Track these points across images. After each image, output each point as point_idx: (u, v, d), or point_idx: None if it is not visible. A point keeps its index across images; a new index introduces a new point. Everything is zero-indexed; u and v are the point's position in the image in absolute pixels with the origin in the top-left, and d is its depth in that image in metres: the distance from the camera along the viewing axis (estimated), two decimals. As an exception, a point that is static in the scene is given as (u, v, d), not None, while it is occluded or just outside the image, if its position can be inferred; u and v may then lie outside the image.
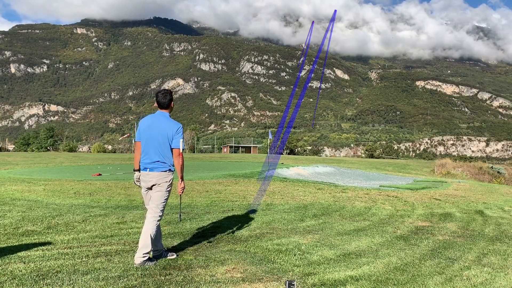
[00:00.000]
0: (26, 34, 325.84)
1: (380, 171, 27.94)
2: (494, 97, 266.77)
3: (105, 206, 8.59)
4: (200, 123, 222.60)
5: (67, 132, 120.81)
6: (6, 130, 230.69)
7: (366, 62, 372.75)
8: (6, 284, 3.71)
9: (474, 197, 12.74)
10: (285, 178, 15.59)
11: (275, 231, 6.42)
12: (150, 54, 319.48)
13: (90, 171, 18.58)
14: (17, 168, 21.65)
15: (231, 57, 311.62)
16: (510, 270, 4.81)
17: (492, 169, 36.21)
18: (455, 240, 6.43)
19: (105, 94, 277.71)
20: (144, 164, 4.66)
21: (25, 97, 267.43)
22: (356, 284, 4.08)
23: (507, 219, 8.88)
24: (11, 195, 9.77)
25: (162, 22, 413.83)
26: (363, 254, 5.25)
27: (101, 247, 5.11)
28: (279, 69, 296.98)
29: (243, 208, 8.68)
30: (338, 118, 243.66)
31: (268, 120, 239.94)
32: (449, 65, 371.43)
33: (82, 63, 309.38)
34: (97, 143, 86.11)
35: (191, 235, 5.95)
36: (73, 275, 3.98)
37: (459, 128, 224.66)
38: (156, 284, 3.87)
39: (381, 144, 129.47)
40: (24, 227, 6.19)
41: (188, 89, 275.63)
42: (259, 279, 4.09)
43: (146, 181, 4.63)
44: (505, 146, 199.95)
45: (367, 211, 9.00)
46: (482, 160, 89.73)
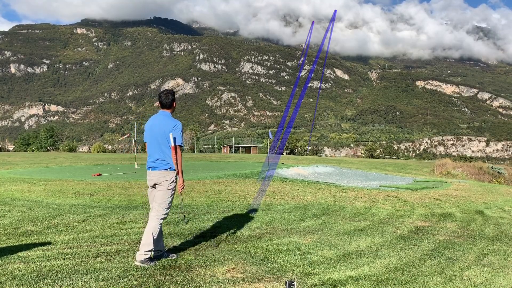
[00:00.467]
0: (26, 34, 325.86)
1: (380, 171, 27.94)
2: (494, 97, 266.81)
3: (105, 206, 8.59)
4: (200, 123, 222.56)
5: (67, 132, 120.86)
6: (6, 130, 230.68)
7: (366, 62, 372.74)
8: (6, 284, 3.71)
9: (474, 197, 12.73)
10: (285, 178, 15.59)
11: (275, 231, 6.42)
12: (150, 54, 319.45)
13: (90, 171, 18.58)
14: (17, 168, 21.65)
15: (231, 57, 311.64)
16: (510, 270, 4.81)
17: (492, 169, 36.21)
18: (455, 240, 6.43)
19: (105, 94, 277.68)
20: (148, 163, 4.76)
21: (25, 97, 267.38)
22: (356, 284, 4.08)
23: (507, 219, 8.88)
24: (11, 195, 9.77)
25: (162, 22, 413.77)
26: (363, 254, 5.25)
27: (101, 247, 5.11)
28: (279, 69, 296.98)
29: (243, 208, 8.68)
30: (338, 118, 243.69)
31: (268, 120, 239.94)
32: (449, 65, 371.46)
33: (82, 63, 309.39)
34: (97, 143, 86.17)
35: (191, 235, 5.95)
36: (73, 275, 3.98)
37: (459, 128, 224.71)
38: (156, 284, 3.87)
39: (381, 144, 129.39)
40: (24, 227, 6.19)
41: (188, 89, 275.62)
42: (259, 279, 4.09)
43: (149, 180, 4.72)
44: (505, 146, 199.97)
45: (367, 211, 9.00)
46: (482, 160, 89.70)
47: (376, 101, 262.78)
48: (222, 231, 6.29)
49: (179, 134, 4.59)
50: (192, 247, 5.27)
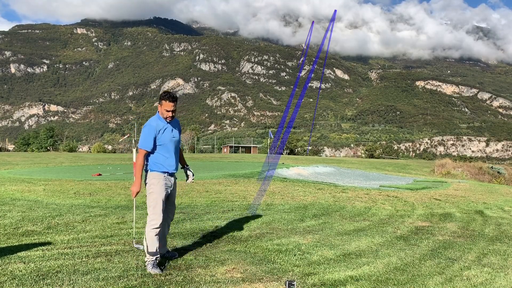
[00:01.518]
0: (26, 34, 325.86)
1: (380, 171, 27.93)
2: (494, 97, 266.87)
3: (105, 206, 8.58)
4: (200, 123, 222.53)
5: (67, 132, 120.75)
6: (6, 130, 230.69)
7: (366, 62, 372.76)
8: (6, 284, 3.71)
9: (474, 197, 12.73)
10: (285, 178, 15.59)
11: (275, 231, 6.42)
12: (150, 54, 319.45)
13: (90, 171, 18.58)
14: (17, 168, 21.64)
15: (231, 57, 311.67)
16: (510, 270, 4.81)
17: (492, 169, 36.20)
18: (455, 240, 6.43)
19: (105, 94, 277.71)
20: None
21: (25, 97, 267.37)
22: (356, 284, 4.08)
23: (507, 219, 8.88)
24: (11, 195, 9.76)
25: (162, 22, 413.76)
26: (363, 254, 5.25)
27: (101, 247, 5.11)
28: (279, 69, 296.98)
29: (243, 208, 8.68)
30: (338, 118, 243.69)
31: (268, 120, 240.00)
32: (449, 65, 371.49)
33: (82, 63, 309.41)
34: (97, 143, 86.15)
35: (191, 235, 5.95)
36: (73, 275, 3.98)
37: (459, 128, 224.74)
38: (156, 284, 3.88)
39: (381, 144, 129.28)
40: (24, 227, 6.19)
41: (188, 89, 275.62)
42: (259, 279, 4.09)
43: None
44: (505, 146, 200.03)
45: (367, 211, 9.00)
46: (482, 160, 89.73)
47: (376, 101, 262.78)
48: (222, 231, 6.29)
49: (141, 136, 4.46)
50: (192, 247, 5.28)
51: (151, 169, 4.51)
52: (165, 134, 4.46)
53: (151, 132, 4.40)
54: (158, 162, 4.48)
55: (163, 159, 4.49)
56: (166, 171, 4.51)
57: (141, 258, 4.62)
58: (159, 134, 4.42)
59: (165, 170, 4.50)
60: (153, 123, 4.44)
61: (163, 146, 4.46)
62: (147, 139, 4.38)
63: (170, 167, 4.54)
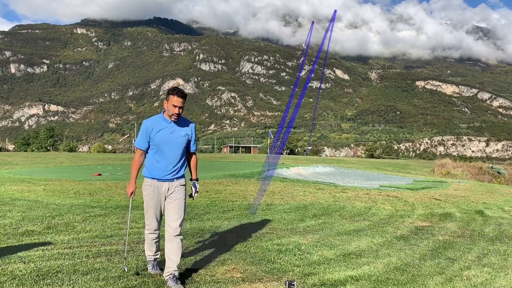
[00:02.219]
0: (26, 34, 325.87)
1: (380, 171, 27.93)
2: (494, 97, 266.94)
3: (105, 206, 8.58)
4: (200, 123, 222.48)
5: (67, 132, 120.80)
6: (6, 130, 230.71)
7: (366, 62, 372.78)
8: (6, 284, 3.71)
9: (474, 197, 12.73)
10: (285, 178, 15.59)
11: (275, 231, 6.42)
12: (150, 54, 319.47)
13: (90, 171, 18.58)
14: (17, 168, 21.63)
15: (231, 57, 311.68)
16: (510, 270, 4.81)
17: (492, 169, 36.18)
18: (455, 240, 6.43)
19: (105, 94, 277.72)
20: None
21: (25, 97, 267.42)
22: (356, 284, 4.08)
23: (507, 219, 8.88)
24: (11, 195, 9.76)
25: (162, 22, 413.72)
26: (363, 254, 5.25)
27: (101, 247, 5.11)
28: (279, 69, 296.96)
29: (243, 208, 8.68)
30: (338, 118, 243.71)
31: (268, 120, 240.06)
32: (449, 65, 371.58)
33: (82, 63, 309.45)
34: (97, 143, 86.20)
35: (191, 235, 5.95)
36: (73, 275, 3.98)
37: (459, 128, 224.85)
38: (156, 284, 3.88)
39: (381, 144, 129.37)
40: (24, 227, 6.19)
41: (188, 89, 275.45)
42: (259, 279, 4.09)
43: None
44: (505, 146, 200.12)
45: (367, 211, 9.00)
46: (482, 160, 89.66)
47: (376, 101, 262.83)
48: (222, 231, 6.29)
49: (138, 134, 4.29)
50: (192, 247, 5.28)
51: (142, 172, 4.18)
52: (160, 135, 4.02)
53: (144, 130, 4.11)
54: (148, 166, 4.14)
55: (153, 162, 4.09)
56: (154, 177, 4.07)
57: (141, 258, 4.62)
58: (152, 133, 4.03)
59: (152, 176, 4.08)
60: (148, 121, 4.14)
61: (155, 147, 4.05)
62: (140, 137, 4.12)
63: (160, 172, 4.06)
